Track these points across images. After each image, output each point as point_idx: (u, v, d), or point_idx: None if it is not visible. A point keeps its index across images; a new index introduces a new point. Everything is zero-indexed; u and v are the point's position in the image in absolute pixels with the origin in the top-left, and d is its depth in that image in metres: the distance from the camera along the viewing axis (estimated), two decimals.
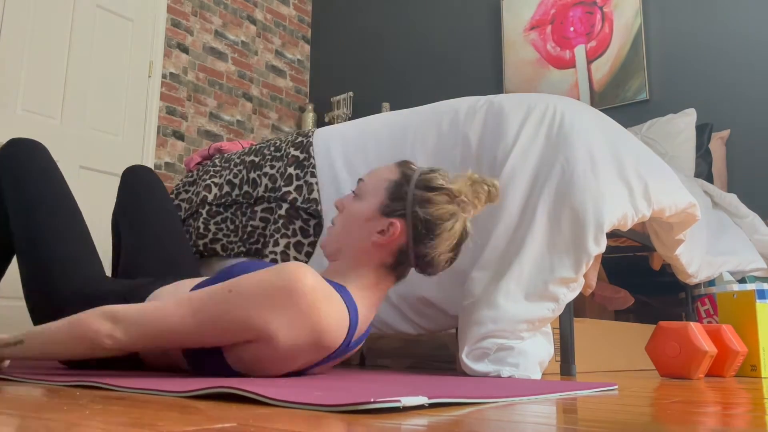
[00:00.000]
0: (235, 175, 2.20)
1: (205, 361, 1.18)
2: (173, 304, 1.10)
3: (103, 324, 1.08)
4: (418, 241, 1.24)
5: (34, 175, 1.45)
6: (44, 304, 1.36)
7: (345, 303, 1.17)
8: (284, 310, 1.08)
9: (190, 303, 1.10)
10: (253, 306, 1.07)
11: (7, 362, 1.16)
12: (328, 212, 1.96)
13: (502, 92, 3.92)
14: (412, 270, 1.32)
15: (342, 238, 1.29)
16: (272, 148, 2.17)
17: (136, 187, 1.70)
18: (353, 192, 1.33)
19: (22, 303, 1.49)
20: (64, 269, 1.35)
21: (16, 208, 1.42)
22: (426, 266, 1.28)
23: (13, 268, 1.56)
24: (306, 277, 1.09)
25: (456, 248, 1.29)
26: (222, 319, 1.08)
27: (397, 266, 1.27)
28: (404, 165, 1.32)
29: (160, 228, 1.60)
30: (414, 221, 1.24)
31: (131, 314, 1.09)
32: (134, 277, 1.53)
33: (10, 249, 1.50)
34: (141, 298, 1.31)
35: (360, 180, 1.34)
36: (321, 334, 1.12)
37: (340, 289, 1.20)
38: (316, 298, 1.09)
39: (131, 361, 1.31)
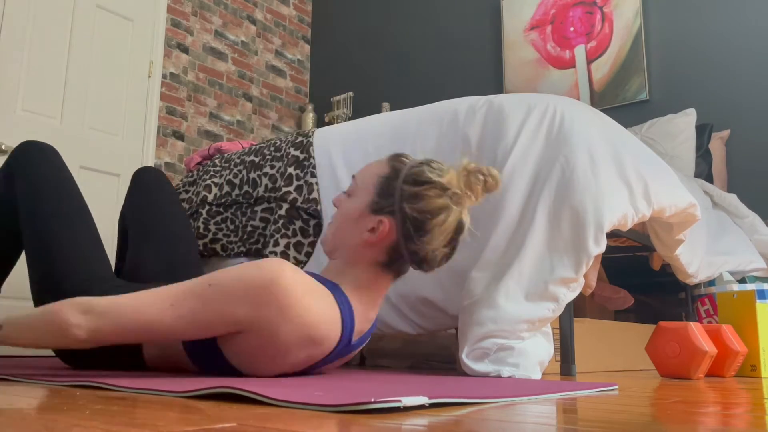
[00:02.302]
0: (235, 175, 2.20)
1: (205, 356, 1.18)
2: (150, 296, 1.09)
3: (74, 315, 1.07)
4: (409, 238, 1.22)
5: (45, 177, 1.46)
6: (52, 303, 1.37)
7: (336, 300, 1.17)
8: (265, 305, 1.08)
9: (169, 296, 1.09)
10: (232, 300, 1.08)
11: None
12: (328, 212, 1.96)
13: (502, 92, 3.92)
14: (412, 270, 1.32)
15: (337, 236, 1.29)
16: (272, 148, 2.17)
17: (148, 188, 1.70)
18: (347, 190, 1.32)
19: (26, 303, 1.49)
20: (73, 270, 1.36)
21: (27, 209, 1.43)
22: (421, 262, 1.25)
23: (16, 268, 1.56)
24: (285, 271, 1.09)
25: (452, 242, 1.26)
26: (201, 313, 1.08)
27: (391, 264, 1.26)
28: (396, 159, 1.29)
29: (169, 230, 1.61)
30: (403, 218, 1.22)
31: (104, 306, 1.08)
32: (138, 277, 1.53)
33: (19, 248, 1.50)
34: None
35: (353, 177, 1.33)
36: (308, 328, 1.11)
37: (333, 287, 1.20)
38: (296, 292, 1.09)
39: (132, 362, 1.31)
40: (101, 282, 1.35)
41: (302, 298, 1.10)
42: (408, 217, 1.21)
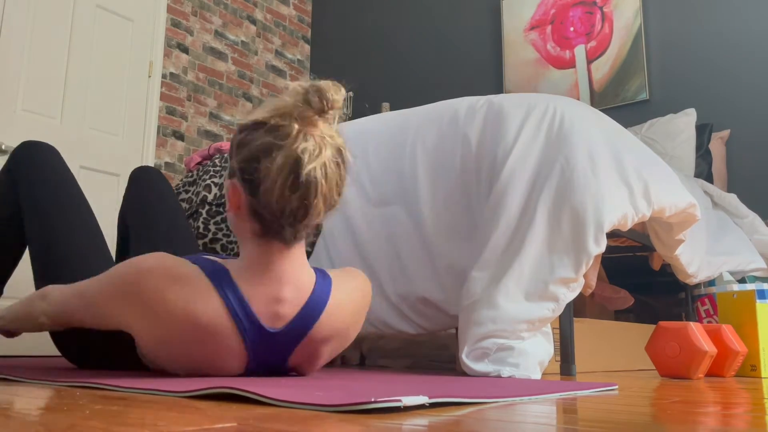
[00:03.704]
0: None
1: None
2: (79, 287, 1.19)
3: (39, 302, 1.23)
4: (252, 193, 1.08)
5: (47, 177, 1.47)
6: None
7: (212, 282, 1.09)
8: (131, 300, 1.10)
9: (81, 285, 1.19)
10: (108, 294, 1.13)
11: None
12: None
13: (502, 92, 3.92)
14: (413, 270, 1.31)
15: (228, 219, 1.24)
16: None
17: (146, 187, 1.70)
18: None
19: None
20: (77, 269, 1.37)
21: (30, 209, 1.44)
22: (285, 221, 1.08)
23: (18, 269, 1.56)
24: (146, 261, 1.09)
25: (296, 187, 1.04)
26: (92, 304, 1.16)
27: (267, 231, 1.11)
28: (240, 123, 1.15)
29: (168, 229, 1.61)
30: (239, 171, 1.08)
31: (56, 294, 1.21)
32: None
33: (23, 247, 1.51)
34: None
35: None
36: (179, 317, 1.07)
37: (214, 272, 1.11)
38: (157, 282, 1.08)
39: (131, 361, 1.31)
40: (99, 268, 1.37)
41: (164, 286, 1.08)
42: (239, 170, 1.08)
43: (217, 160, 2.37)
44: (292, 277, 1.15)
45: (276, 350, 1.16)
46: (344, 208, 1.93)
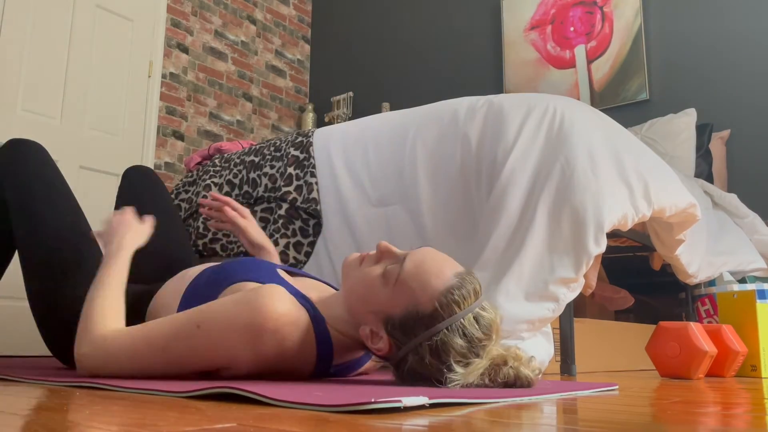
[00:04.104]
0: (235, 175, 2.20)
1: None
2: (142, 344, 1.08)
3: (83, 345, 1.09)
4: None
5: (35, 175, 1.44)
6: (46, 303, 1.36)
7: (314, 329, 1.11)
8: (251, 345, 1.05)
9: (157, 341, 1.07)
10: (220, 345, 1.05)
11: None
12: (328, 212, 1.96)
13: (502, 92, 3.92)
14: None
15: (352, 297, 1.12)
16: (272, 148, 2.17)
17: (139, 186, 1.69)
18: (393, 255, 1.12)
19: (22, 303, 1.49)
20: (67, 269, 1.35)
21: (17, 209, 1.40)
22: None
23: (12, 268, 1.56)
24: (276, 308, 1.05)
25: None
26: (189, 357, 1.07)
27: None
28: (450, 294, 1.02)
29: (162, 228, 1.59)
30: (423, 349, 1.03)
31: (111, 353, 1.08)
32: (132, 276, 1.52)
33: (11, 248, 1.49)
34: (145, 303, 1.31)
35: (406, 257, 1.08)
36: (284, 359, 1.08)
37: (316, 319, 1.12)
38: (280, 325, 1.05)
39: None
40: (90, 268, 1.33)
41: (285, 329, 1.06)
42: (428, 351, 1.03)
43: (216, 160, 2.37)
44: None
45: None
46: (344, 208, 1.93)
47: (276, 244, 1.97)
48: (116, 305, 1.15)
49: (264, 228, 2.07)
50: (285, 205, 2.00)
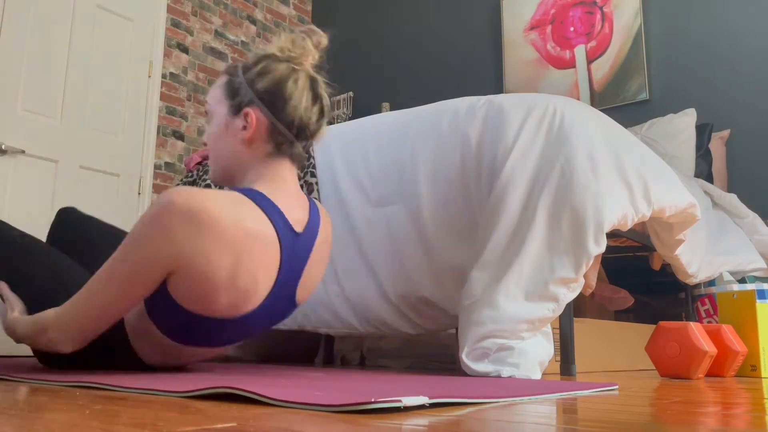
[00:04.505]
0: None
1: (166, 312, 1.20)
2: (92, 284, 1.14)
3: (44, 338, 1.19)
4: (277, 112, 1.26)
5: None
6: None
7: (242, 192, 1.20)
8: (176, 229, 1.10)
9: (103, 274, 1.14)
10: (150, 243, 1.11)
11: None
12: (328, 211, 1.96)
13: (502, 92, 3.92)
14: (413, 270, 1.30)
15: (219, 160, 1.31)
16: None
17: (72, 229, 1.63)
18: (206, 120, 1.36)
19: None
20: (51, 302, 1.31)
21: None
22: (302, 129, 1.28)
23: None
24: (175, 190, 1.12)
25: (318, 99, 1.29)
26: (133, 269, 1.12)
27: (279, 148, 1.28)
28: (228, 66, 1.35)
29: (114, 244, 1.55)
30: (260, 98, 1.26)
31: (59, 316, 1.16)
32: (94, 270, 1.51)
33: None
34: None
35: (206, 108, 1.36)
36: (233, 231, 1.13)
37: (250, 192, 1.22)
38: (191, 201, 1.11)
39: (131, 362, 1.31)
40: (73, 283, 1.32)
41: (199, 200, 1.11)
42: (264, 94, 1.26)
43: None
44: (297, 189, 1.32)
45: (299, 257, 1.28)
46: (344, 207, 1.93)
47: None
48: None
49: None
50: None
